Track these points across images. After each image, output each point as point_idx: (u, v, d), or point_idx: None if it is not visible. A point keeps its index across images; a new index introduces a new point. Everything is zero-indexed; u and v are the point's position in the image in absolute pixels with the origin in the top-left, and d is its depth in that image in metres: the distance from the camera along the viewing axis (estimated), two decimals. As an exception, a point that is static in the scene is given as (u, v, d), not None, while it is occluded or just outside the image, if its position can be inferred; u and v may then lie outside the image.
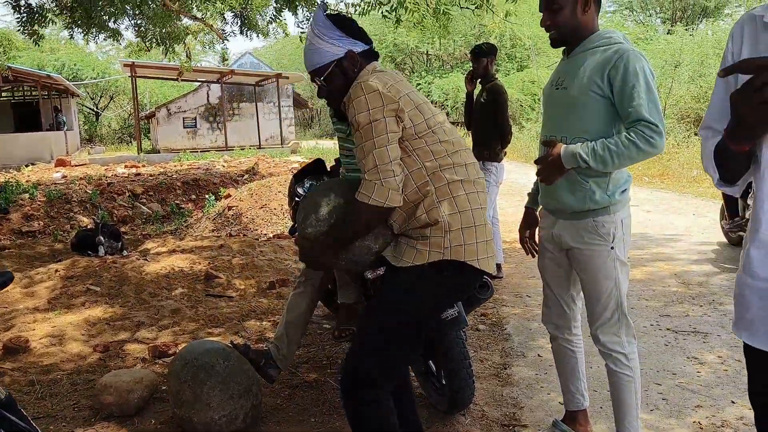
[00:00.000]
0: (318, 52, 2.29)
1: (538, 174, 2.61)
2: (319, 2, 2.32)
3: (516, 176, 12.94)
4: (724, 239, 7.00)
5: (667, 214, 9.00)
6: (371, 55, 2.36)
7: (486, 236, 2.28)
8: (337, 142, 3.70)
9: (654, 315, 4.68)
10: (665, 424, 3.08)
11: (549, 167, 2.49)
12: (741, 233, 6.39)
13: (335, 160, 4.26)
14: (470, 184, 2.27)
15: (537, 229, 2.88)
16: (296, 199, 4.35)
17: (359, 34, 2.33)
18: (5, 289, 2.58)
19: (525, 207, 2.93)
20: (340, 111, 2.38)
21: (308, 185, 4.33)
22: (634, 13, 33.28)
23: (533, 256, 2.95)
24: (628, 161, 2.34)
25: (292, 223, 4.39)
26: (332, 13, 2.37)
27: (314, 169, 4.51)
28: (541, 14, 2.52)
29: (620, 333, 2.56)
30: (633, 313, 3.29)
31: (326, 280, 3.64)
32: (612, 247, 2.50)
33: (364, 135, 2.14)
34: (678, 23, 27.56)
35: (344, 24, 2.32)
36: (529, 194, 2.94)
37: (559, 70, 2.62)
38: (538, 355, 4.05)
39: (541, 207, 2.80)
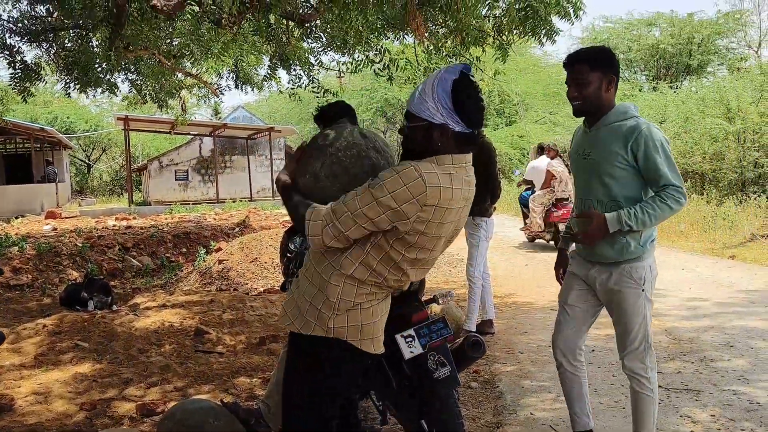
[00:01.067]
0: (422, 101, 2.21)
1: (579, 241, 2.99)
2: (463, 66, 2.19)
3: (506, 230, 13.01)
4: (710, 295, 7.06)
5: (658, 269, 9.02)
6: (468, 141, 2.24)
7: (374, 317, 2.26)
8: None
9: (646, 372, 4.66)
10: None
11: (594, 232, 2.86)
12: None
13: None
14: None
15: (568, 266, 3.25)
16: (288, 254, 4.36)
17: (469, 115, 2.19)
18: None
19: (558, 248, 3.38)
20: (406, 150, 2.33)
21: (300, 240, 4.34)
22: (621, 70, 34.10)
23: None
24: (662, 219, 2.82)
25: (283, 278, 4.39)
26: (471, 78, 2.21)
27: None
28: (568, 87, 2.91)
29: (645, 360, 2.99)
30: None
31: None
32: (643, 290, 2.94)
33: (364, 197, 2.11)
34: (662, 80, 28.22)
35: (460, 98, 2.17)
36: (561, 236, 3.36)
37: (584, 140, 3.03)
38: (531, 413, 4.01)
39: (572, 249, 3.21)
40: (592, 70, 2.83)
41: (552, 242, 10.93)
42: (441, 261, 10.46)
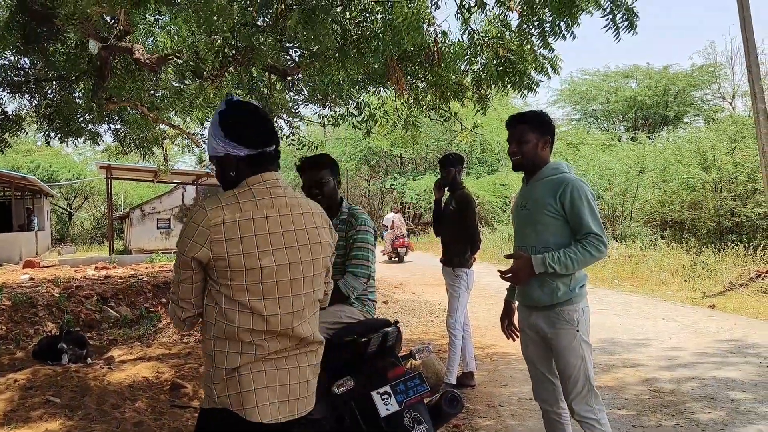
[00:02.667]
0: (208, 142, 2.25)
1: (506, 278, 3.18)
2: (228, 96, 2.16)
3: (489, 278, 12.96)
4: (691, 345, 7.09)
5: (636, 318, 9.06)
6: (262, 161, 2.17)
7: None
8: None
9: (626, 425, 4.63)
10: None
11: (520, 271, 3.08)
12: None
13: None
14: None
15: (516, 319, 3.43)
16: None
17: (244, 136, 2.14)
18: None
19: (505, 300, 3.54)
20: None
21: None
22: (599, 120, 34.78)
23: (513, 340, 3.49)
24: (584, 265, 3.03)
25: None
26: (238, 102, 2.23)
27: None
28: (509, 144, 3.24)
29: (591, 402, 3.07)
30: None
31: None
32: (578, 330, 3.07)
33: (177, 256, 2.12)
34: (640, 131, 28.80)
35: (229, 124, 2.16)
36: (507, 289, 3.53)
37: (522, 194, 3.31)
38: (512, 469, 3.95)
39: (518, 303, 3.35)
40: (530, 131, 3.18)
41: (396, 259, 20.20)
42: (423, 311, 10.42)
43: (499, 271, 3.24)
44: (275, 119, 8.17)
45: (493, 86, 7.04)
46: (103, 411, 5.10)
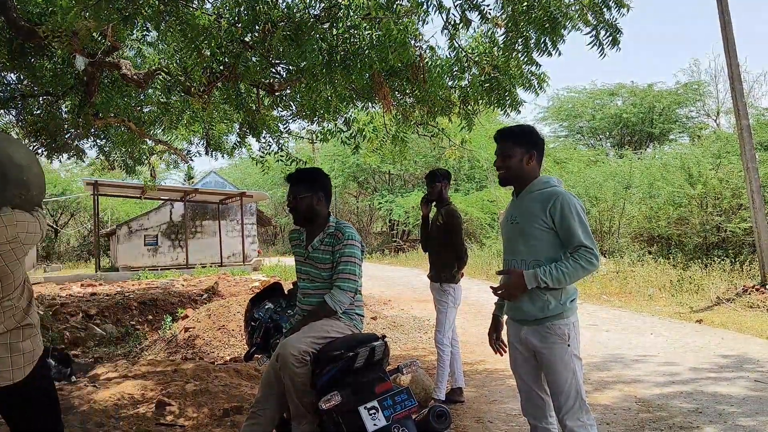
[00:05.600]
0: None
1: (499, 294, 3.18)
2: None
3: (478, 294, 13.00)
4: (679, 360, 7.10)
5: (625, 333, 9.07)
6: None
7: None
8: None
9: (616, 440, 4.61)
10: None
11: (512, 288, 3.09)
12: None
13: (292, 283, 4.25)
14: None
15: (504, 334, 3.40)
16: (252, 323, 4.30)
17: None
18: None
19: (493, 314, 3.50)
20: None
21: (265, 308, 4.30)
22: (585, 137, 35.06)
23: (501, 355, 3.48)
24: (576, 278, 3.03)
25: (247, 348, 4.31)
26: None
27: (271, 292, 4.50)
28: (496, 158, 3.27)
29: (582, 417, 3.06)
30: None
31: (281, 409, 3.54)
32: (568, 345, 3.06)
33: None
34: (627, 147, 29.03)
35: None
36: (495, 303, 3.49)
37: (511, 208, 3.32)
38: (500, 486, 3.92)
39: (507, 317, 3.32)
40: (515, 145, 3.21)
41: None
42: (411, 327, 10.38)
43: (491, 287, 3.24)
44: (263, 135, 8.17)
45: (480, 102, 7.08)
46: (87, 430, 5.02)
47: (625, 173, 19.95)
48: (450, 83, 6.82)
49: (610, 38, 5.30)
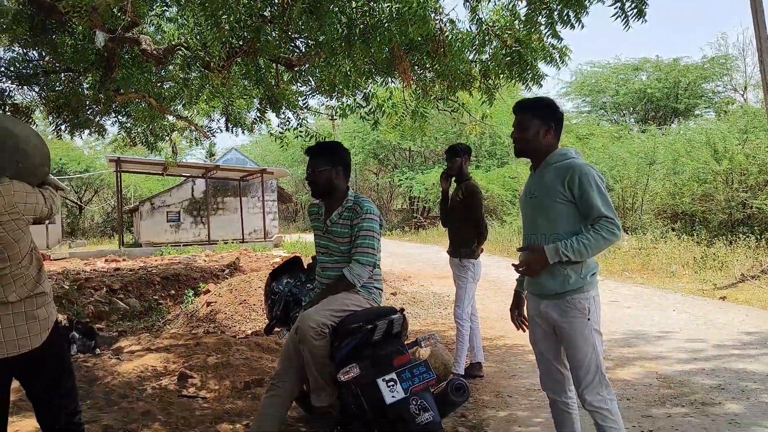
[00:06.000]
0: None
1: (521, 271, 3.15)
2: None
3: (498, 271, 12.97)
4: (702, 337, 7.02)
5: (647, 310, 9.00)
6: None
7: None
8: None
9: (636, 416, 4.59)
10: None
11: (534, 264, 3.05)
12: None
13: (312, 257, 4.26)
14: None
15: (525, 309, 3.38)
16: (272, 297, 4.33)
17: None
18: None
19: (514, 290, 3.47)
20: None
21: (285, 282, 4.32)
22: (608, 113, 34.57)
23: (523, 331, 3.42)
24: (598, 250, 2.99)
25: (267, 321, 4.34)
26: None
27: (291, 266, 4.52)
28: (513, 130, 3.23)
29: (602, 392, 3.05)
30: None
31: (301, 381, 3.57)
32: (588, 319, 3.04)
33: None
34: (650, 122, 28.59)
35: None
36: (517, 280, 3.46)
37: (530, 182, 3.28)
38: (519, 459, 3.93)
39: (527, 292, 3.31)
40: (533, 117, 3.17)
41: None
42: (431, 303, 10.40)
43: (513, 264, 3.22)
44: (282, 111, 8.15)
45: (501, 76, 6.98)
46: (110, 401, 5.12)
47: (648, 149, 19.67)
48: (471, 57, 6.73)
49: (635, 9, 5.17)
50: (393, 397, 2.91)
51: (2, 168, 2.73)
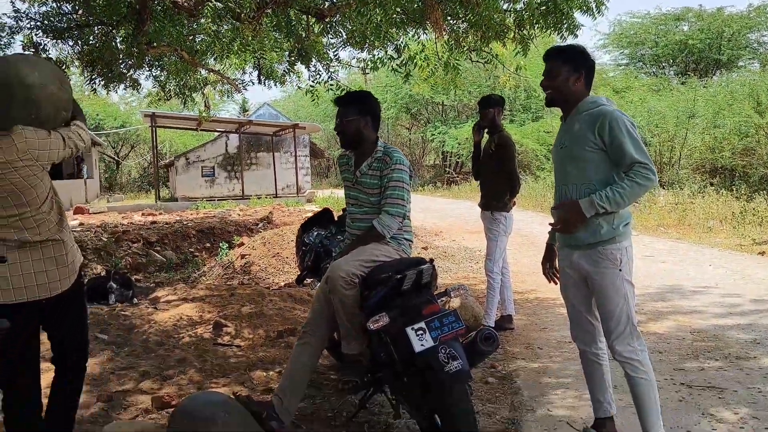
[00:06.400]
0: None
1: (558, 229, 3.11)
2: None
3: (531, 226, 12.88)
4: (738, 292, 6.93)
5: (682, 265, 8.87)
6: None
7: None
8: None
9: (668, 369, 4.57)
10: (678, 484, 2.95)
11: (570, 219, 3.00)
12: None
13: (342, 209, 4.26)
14: None
15: (557, 261, 3.37)
16: (303, 248, 4.36)
17: None
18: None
19: (546, 243, 3.47)
20: None
21: (315, 234, 4.34)
22: (647, 65, 33.56)
23: (554, 284, 3.41)
24: (635, 198, 2.94)
25: (299, 272, 4.39)
26: None
27: (322, 218, 4.54)
28: (543, 78, 3.17)
29: (633, 343, 3.03)
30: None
31: (332, 330, 3.61)
32: (620, 270, 3.01)
33: None
34: (691, 75, 27.71)
35: None
36: (549, 232, 3.41)
37: (560, 133, 3.23)
38: (549, 410, 3.95)
39: (559, 243, 3.28)
40: (563, 65, 3.09)
41: None
42: (462, 257, 10.41)
43: (550, 224, 3.19)
44: (313, 63, 8.09)
45: (535, 26, 6.81)
46: (148, 348, 5.26)
47: (688, 102, 19.12)
48: (505, 6, 6.58)
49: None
50: (422, 345, 2.92)
51: (14, 119, 2.75)
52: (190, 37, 8.53)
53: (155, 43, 7.66)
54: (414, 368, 3.04)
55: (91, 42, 8.56)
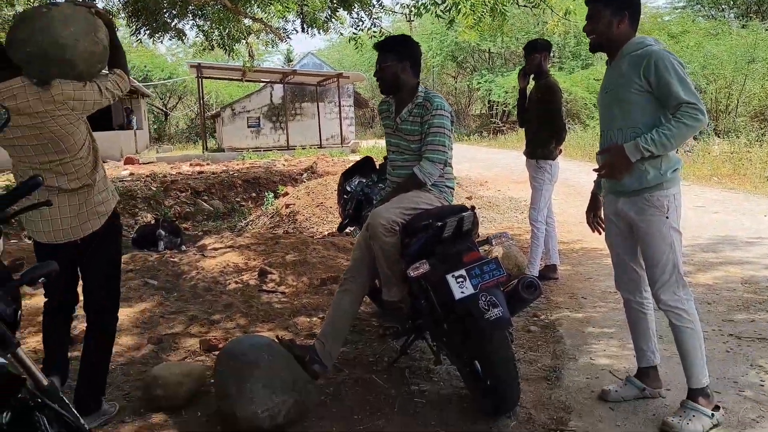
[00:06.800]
0: None
1: (603, 174, 3.01)
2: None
3: (579, 176, 12.62)
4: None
5: (736, 215, 8.60)
6: None
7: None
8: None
9: (716, 320, 4.47)
10: (722, 435, 2.91)
11: (616, 164, 2.89)
12: None
13: (384, 157, 4.23)
14: None
15: (602, 210, 3.30)
16: (344, 196, 4.36)
17: None
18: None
19: (591, 192, 3.40)
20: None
21: (357, 182, 4.33)
22: (705, 8, 32.00)
23: (599, 233, 3.37)
24: (682, 139, 2.82)
25: (341, 220, 4.40)
26: None
27: (363, 166, 4.52)
28: (586, 23, 3.07)
29: (678, 292, 2.96)
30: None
31: (373, 278, 3.63)
32: (667, 217, 2.93)
33: None
34: (752, 17, 26.35)
35: None
36: (594, 181, 3.36)
37: (606, 77, 3.12)
38: (591, 359, 3.92)
39: (604, 190, 3.20)
40: (605, 7, 2.97)
41: None
42: (507, 207, 10.30)
43: (594, 170, 3.10)
44: (356, 9, 7.95)
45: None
46: (196, 293, 5.41)
47: (748, 46, 18.23)
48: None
49: None
50: (462, 293, 2.91)
51: (52, 75, 2.92)
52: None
53: (198, -8, 7.64)
54: (454, 315, 3.04)
55: (135, -9, 8.58)
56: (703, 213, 8.70)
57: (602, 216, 3.31)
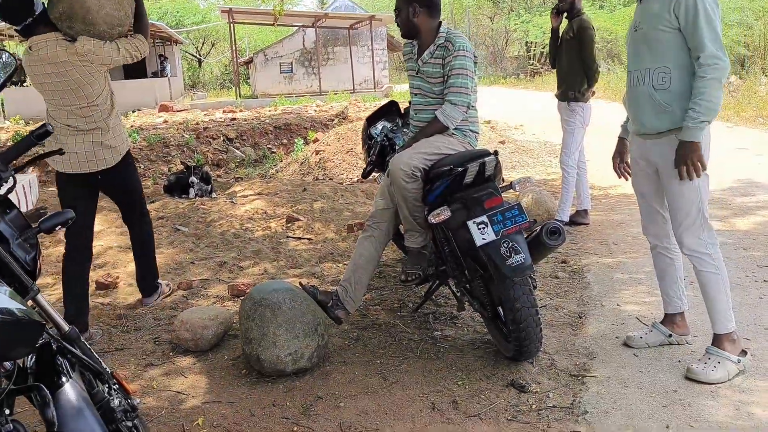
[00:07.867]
0: None
1: (686, 175, 2.77)
2: None
3: (613, 117, 12.27)
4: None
5: (779, 158, 8.30)
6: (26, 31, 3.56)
7: None
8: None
9: (751, 266, 4.36)
10: (752, 384, 2.85)
11: (688, 156, 2.73)
12: None
13: (409, 101, 4.15)
14: None
15: (629, 156, 3.22)
16: (368, 142, 4.31)
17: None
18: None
19: (618, 137, 3.31)
20: None
21: (381, 127, 4.27)
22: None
23: (626, 179, 3.32)
24: (718, 93, 2.68)
25: (365, 165, 4.36)
26: None
27: (388, 111, 4.44)
28: None
29: (702, 236, 2.87)
30: (728, 263, 3.15)
31: (396, 223, 3.60)
32: None
33: None
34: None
35: None
36: (621, 125, 3.28)
37: (636, 14, 3.00)
38: (618, 305, 3.87)
39: (631, 133, 3.12)
40: None
41: None
42: (541, 151, 10.12)
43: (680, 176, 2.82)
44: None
45: None
46: (225, 240, 5.47)
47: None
48: None
49: None
50: (483, 239, 2.87)
51: (78, 32, 3.49)
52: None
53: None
54: (476, 262, 3.01)
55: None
56: (746, 156, 8.41)
57: (629, 161, 3.23)
